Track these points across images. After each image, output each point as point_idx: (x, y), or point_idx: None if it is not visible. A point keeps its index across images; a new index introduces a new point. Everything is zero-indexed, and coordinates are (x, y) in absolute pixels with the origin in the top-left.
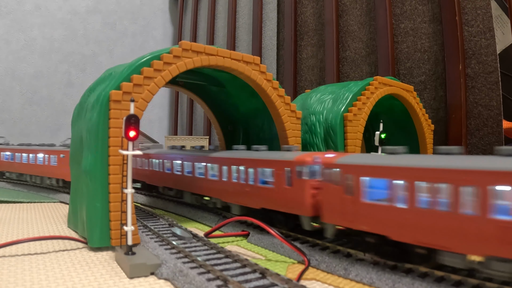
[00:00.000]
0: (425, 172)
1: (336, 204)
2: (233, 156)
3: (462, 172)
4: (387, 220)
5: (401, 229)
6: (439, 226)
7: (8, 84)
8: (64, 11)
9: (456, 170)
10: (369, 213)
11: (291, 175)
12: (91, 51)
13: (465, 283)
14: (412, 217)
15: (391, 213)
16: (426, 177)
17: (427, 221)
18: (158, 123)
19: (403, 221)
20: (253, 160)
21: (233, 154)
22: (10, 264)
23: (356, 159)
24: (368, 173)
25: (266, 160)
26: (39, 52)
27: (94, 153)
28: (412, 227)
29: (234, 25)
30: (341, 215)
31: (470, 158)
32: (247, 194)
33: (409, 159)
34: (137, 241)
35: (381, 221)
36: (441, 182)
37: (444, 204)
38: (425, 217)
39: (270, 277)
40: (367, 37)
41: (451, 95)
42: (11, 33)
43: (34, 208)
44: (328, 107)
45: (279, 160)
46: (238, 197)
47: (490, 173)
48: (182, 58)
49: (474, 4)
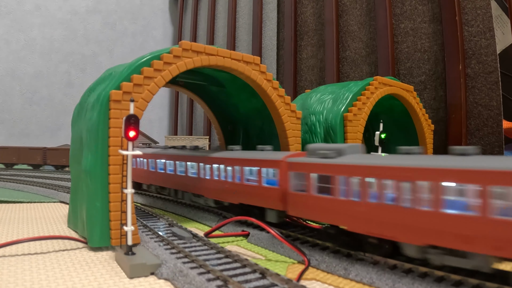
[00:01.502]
0: (373, 169)
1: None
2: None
3: (403, 170)
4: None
5: (356, 221)
6: (389, 219)
7: (8, 84)
8: (64, 11)
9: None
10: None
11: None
12: (91, 51)
13: (465, 283)
14: (365, 210)
15: (344, 206)
16: (374, 174)
17: (378, 214)
18: (158, 123)
19: (357, 214)
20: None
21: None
22: (10, 264)
23: (303, 158)
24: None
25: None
26: (39, 52)
27: (94, 153)
28: (365, 219)
29: (234, 25)
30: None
31: (416, 158)
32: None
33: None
34: (137, 241)
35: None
36: (388, 178)
37: (391, 198)
38: (376, 210)
39: (270, 277)
40: (367, 37)
41: (451, 95)
42: (11, 33)
43: (34, 208)
44: (328, 107)
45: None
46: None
47: (434, 171)
48: (182, 58)
49: (474, 4)
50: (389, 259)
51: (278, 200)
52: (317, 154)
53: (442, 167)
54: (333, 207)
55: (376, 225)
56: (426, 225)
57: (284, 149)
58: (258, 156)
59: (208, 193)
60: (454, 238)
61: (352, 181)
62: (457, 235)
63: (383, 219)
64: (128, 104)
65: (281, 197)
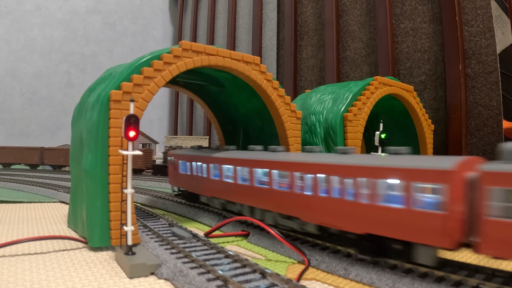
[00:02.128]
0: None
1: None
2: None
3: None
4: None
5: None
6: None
7: (8, 84)
8: (64, 11)
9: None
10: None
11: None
12: (91, 51)
13: (465, 283)
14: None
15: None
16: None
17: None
18: (158, 123)
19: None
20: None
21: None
22: (10, 264)
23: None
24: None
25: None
26: (39, 52)
27: (94, 153)
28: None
29: (234, 25)
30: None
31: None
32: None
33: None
34: (137, 241)
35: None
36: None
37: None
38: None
39: (270, 277)
40: (367, 37)
41: (451, 95)
42: (11, 33)
43: (34, 208)
44: (328, 107)
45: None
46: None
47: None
48: (182, 58)
49: (474, 4)
50: (389, 259)
51: (441, 232)
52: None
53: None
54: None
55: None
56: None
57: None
58: (405, 164)
59: (308, 216)
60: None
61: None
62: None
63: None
64: (128, 104)
65: (447, 228)
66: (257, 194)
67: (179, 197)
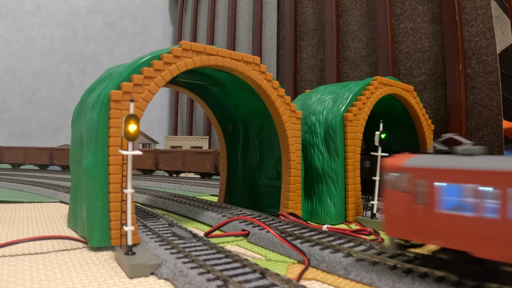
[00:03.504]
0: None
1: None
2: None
3: None
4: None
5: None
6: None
7: (8, 84)
8: (64, 11)
9: None
10: None
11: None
12: (91, 51)
13: (465, 283)
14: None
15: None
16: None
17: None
18: (158, 123)
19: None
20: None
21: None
22: (10, 264)
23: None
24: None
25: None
26: (39, 52)
27: (94, 153)
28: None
29: (234, 25)
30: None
31: None
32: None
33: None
34: (137, 241)
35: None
36: None
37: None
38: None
39: (270, 277)
40: (367, 37)
41: (451, 95)
42: (11, 33)
43: (34, 208)
44: (328, 107)
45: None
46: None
47: None
48: (182, 58)
49: (474, 4)
50: (389, 259)
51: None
52: None
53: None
54: None
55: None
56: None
57: (284, 149)
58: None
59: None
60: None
61: None
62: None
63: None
64: (128, 104)
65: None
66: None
67: (414, 263)
